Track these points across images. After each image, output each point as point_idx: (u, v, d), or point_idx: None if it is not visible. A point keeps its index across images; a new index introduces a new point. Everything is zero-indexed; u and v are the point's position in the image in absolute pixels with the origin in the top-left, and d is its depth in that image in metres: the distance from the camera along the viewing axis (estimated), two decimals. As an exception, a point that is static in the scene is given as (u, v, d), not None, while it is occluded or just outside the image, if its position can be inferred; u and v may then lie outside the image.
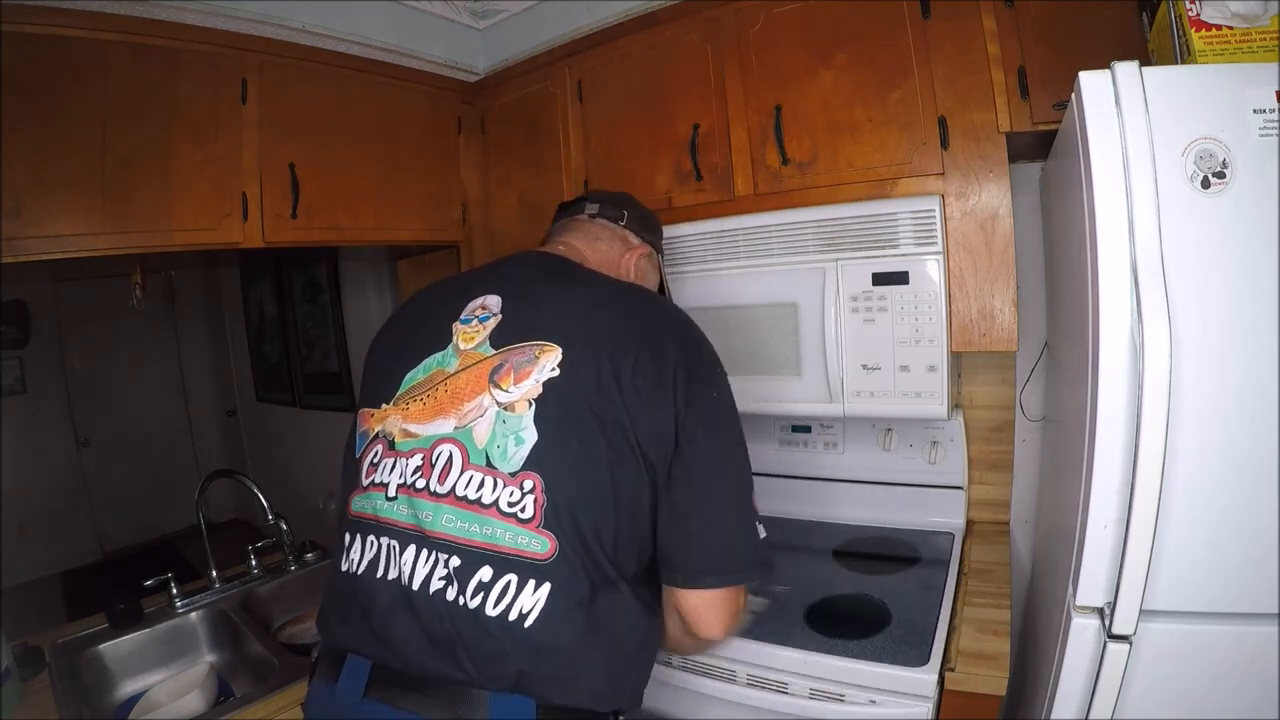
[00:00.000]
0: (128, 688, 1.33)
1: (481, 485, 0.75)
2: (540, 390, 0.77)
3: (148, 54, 1.32)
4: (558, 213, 1.12)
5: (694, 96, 1.48)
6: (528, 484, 0.74)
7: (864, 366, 1.31)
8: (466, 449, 0.77)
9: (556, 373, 0.77)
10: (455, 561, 0.74)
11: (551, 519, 0.73)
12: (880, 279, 1.28)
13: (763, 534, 0.84)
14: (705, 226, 1.45)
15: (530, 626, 0.71)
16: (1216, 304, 0.76)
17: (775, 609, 1.21)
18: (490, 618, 0.72)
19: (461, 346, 0.83)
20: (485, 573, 0.73)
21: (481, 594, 0.73)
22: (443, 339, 0.85)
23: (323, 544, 1.74)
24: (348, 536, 0.83)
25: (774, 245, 1.37)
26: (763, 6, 1.37)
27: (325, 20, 1.65)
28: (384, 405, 0.85)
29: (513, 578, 0.72)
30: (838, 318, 1.32)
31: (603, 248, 1.04)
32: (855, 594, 1.26)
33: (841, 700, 1.04)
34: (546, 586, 0.72)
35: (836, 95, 1.31)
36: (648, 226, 1.12)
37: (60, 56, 1.22)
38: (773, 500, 1.68)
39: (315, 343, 3.18)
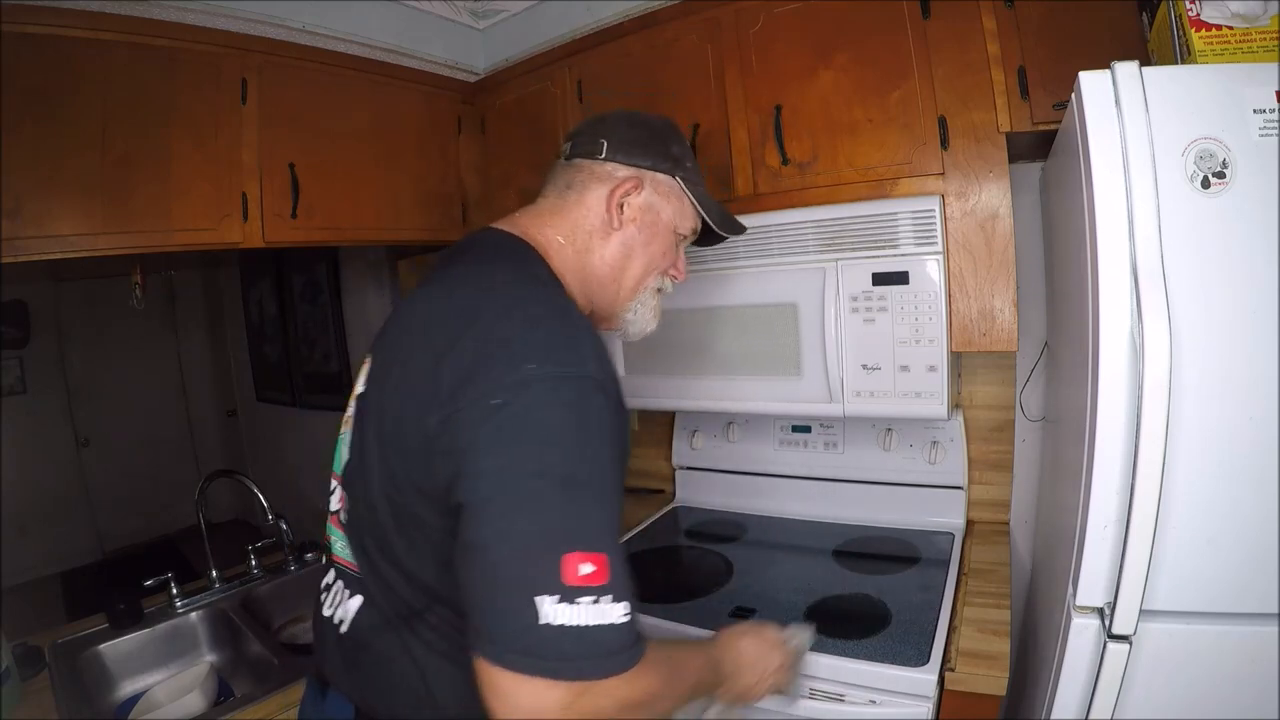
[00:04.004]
0: (128, 688, 1.33)
1: (333, 492, 0.78)
2: (354, 407, 0.74)
3: (148, 54, 1.31)
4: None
5: (694, 96, 1.48)
6: (342, 496, 0.75)
7: (864, 366, 1.31)
8: (335, 460, 0.79)
9: (363, 388, 0.73)
10: (321, 561, 0.81)
11: (351, 536, 0.73)
12: (880, 279, 1.28)
13: (603, 619, 0.52)
14: (705, 226, 1.45)
15: (344, 633, 0.72)
16: (1216, 304, 0.76)
17: (775, 610, 1.21)
18: (324, 618, 0.75)
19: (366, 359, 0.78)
20: (330, 575, 0.77)
21: (325, 593, 0.77)
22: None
23: (323, 544, 1.73)
24: None
25: (774, 245, 1.37)
26: (763, 6, 1.37)
27: (325, 20, 1.65)
28: None
29: (340, 583, 0.75)
30: (838, 318, 1.32)
31: (573, 198, 0.84)
32: (855, 594, 1.25)
33: (841, 700, 1.04)
34: (359, 599, 0.72)
35: (836, 95, 1.31)
36: (642, 142, 0.86)
37: (60, 56, 1.22)
38: (773, 500, 1.68)
39: (315, 343, 3.18)
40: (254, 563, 1.59)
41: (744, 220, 1.36)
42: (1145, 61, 0.78)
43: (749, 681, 0.83)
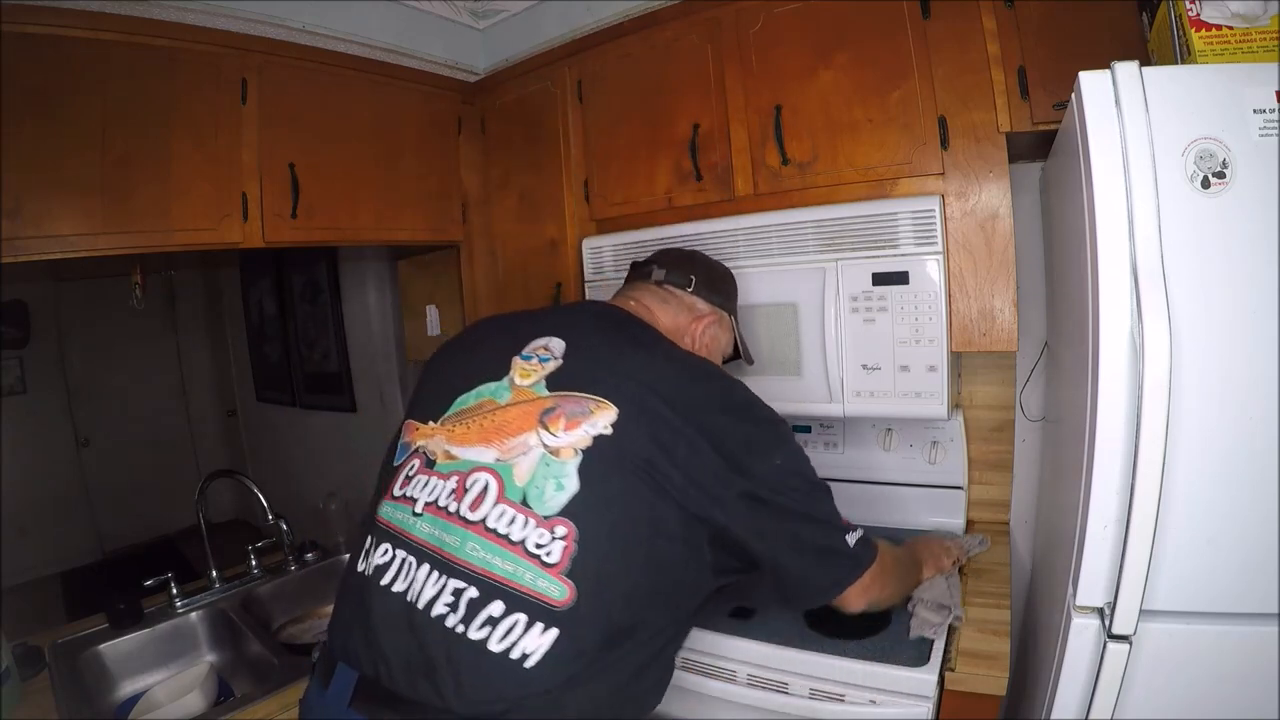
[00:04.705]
0: (128, 688, 1.33)
1: (513, 521, 0.76)
2: (590, 443, 0.79)
3: (148, 54, 1.32)
4: (630, 271, 1.15)
5: (694, 96, 1.48)
6: (560, 530, 0.75)
7: (864, 366, 1.31)
8: (504, 483, 0.78)
9: (609, 431, 0.79)
10: (472, 592, 0.75)
11: (578, 569, 0.74)
12: (880, 279, 1.28)
13: (857, 535, 0.91)
14: (705, 226, 1.45)
15: (530, 668, 0.72)
16: (1216, 304, 0.76)
17: (774, 610, 1.21)
18: (492, 653, 0.72)
19: (517, 381, 0.86)
20: (497, 608, 0.74)
21: (488, 628, 0.73)
22: (499, 369, 0.88)
23: (323, 544, 1.74)
24: (369, 539, 0.85)
25: (774, 245, 1.37)
26: (763, 6, 1.37)
27: (325, 20, 1.65)
28: (430, 423, 0.88)
29: (522, 617, 0.73)
30: (838, 318, 1.32)
31: (670, 311, 1.06)
32: (855, 594, 1.25)
33: (841, 700, 1.04)
34: (554, 632, 0.73)
35: (836, 95, 1.31)
36: (717, 289, 1.13)
37: (60, 56, 1.22)
38: (773, 500, 1.68)
39: (315, 343, 3.18)
40: (254, 563, 1.59)
41: (744, 220, 1.41)
42: (1145, 61, 0.78)
43: (941, 559, 1.21)
